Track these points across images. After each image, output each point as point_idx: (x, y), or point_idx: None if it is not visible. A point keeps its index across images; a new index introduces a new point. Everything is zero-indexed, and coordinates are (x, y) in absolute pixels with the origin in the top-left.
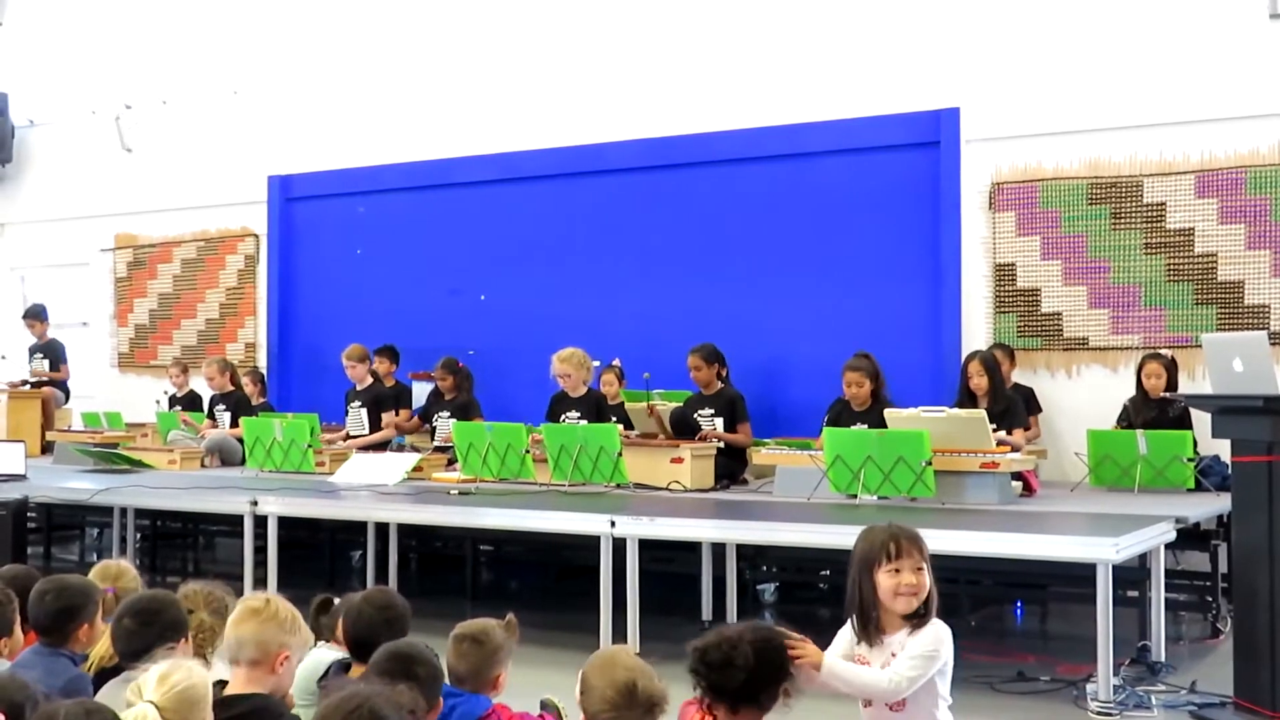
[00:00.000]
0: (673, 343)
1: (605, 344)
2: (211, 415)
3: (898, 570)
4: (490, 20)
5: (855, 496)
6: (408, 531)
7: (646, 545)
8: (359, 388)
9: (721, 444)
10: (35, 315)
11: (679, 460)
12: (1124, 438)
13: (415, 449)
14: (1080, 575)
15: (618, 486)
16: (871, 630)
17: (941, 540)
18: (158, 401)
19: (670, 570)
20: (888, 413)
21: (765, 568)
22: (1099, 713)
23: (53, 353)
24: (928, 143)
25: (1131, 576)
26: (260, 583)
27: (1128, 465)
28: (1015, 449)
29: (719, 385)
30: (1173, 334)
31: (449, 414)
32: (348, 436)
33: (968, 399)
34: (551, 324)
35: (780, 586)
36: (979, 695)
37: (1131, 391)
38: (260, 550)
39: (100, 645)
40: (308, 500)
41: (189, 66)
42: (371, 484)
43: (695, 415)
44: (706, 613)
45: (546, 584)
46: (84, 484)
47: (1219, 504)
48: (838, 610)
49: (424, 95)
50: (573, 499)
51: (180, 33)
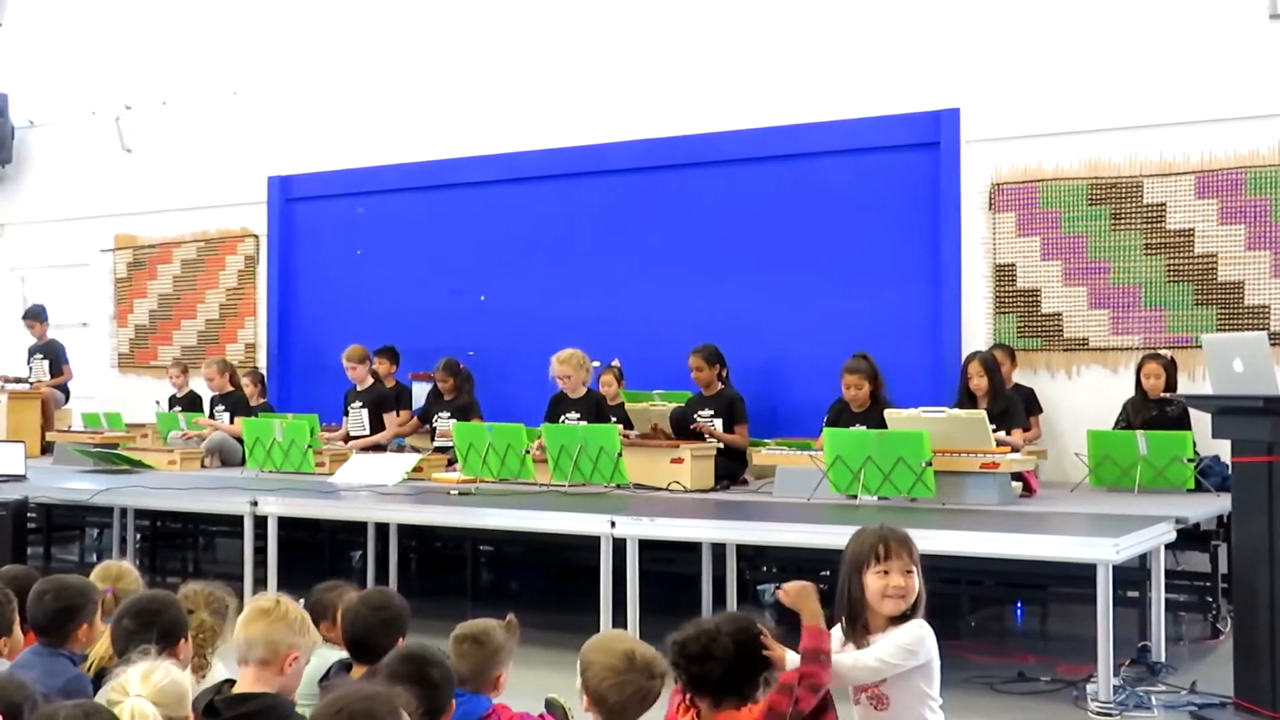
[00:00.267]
0: (673, 343)
1: (606, 344)
2: (211, 416)
3: (886, 572)
4: (490, 21)
5: (855, 497)
6: (408, 532)
7: (647, 545)
8: (360, 388)
9: (718, 442)
10: (35, 316)
11: (679, 461)
12: (1124, 438)
13: (415, 449)
14: (1080, 576)
15: (618, 487)
16: (859, 631)
17: (942, 541)
18: (158, 402)
19: (670, 571)
20: (888, 413)
21: (765, 568)
22: (1099, 713)
23: (53, 353)
24: (928, 143)
25: (1132, 577)
26: (260, 583)
27: (1128, 466)
28: (1015, 449)
29: (719, 386)
30: (1173, 334)
31: (449, 414)
32: (348, 437)
33: (968, 399)
34: (552, 324)
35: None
36: (979, 695)
37: (1131, 392)
38: (260, 551)
39: (100, 645)
40: (308, 501)
41: (189, 67)
42: (371, 484)
43: (695, 416)
44: (707, 613)
45: (547, 584)
46: (84, 484)
47: (1219, 504)
48: None
49: (424, 96)
50: (573, 499)
51: (180, 33)
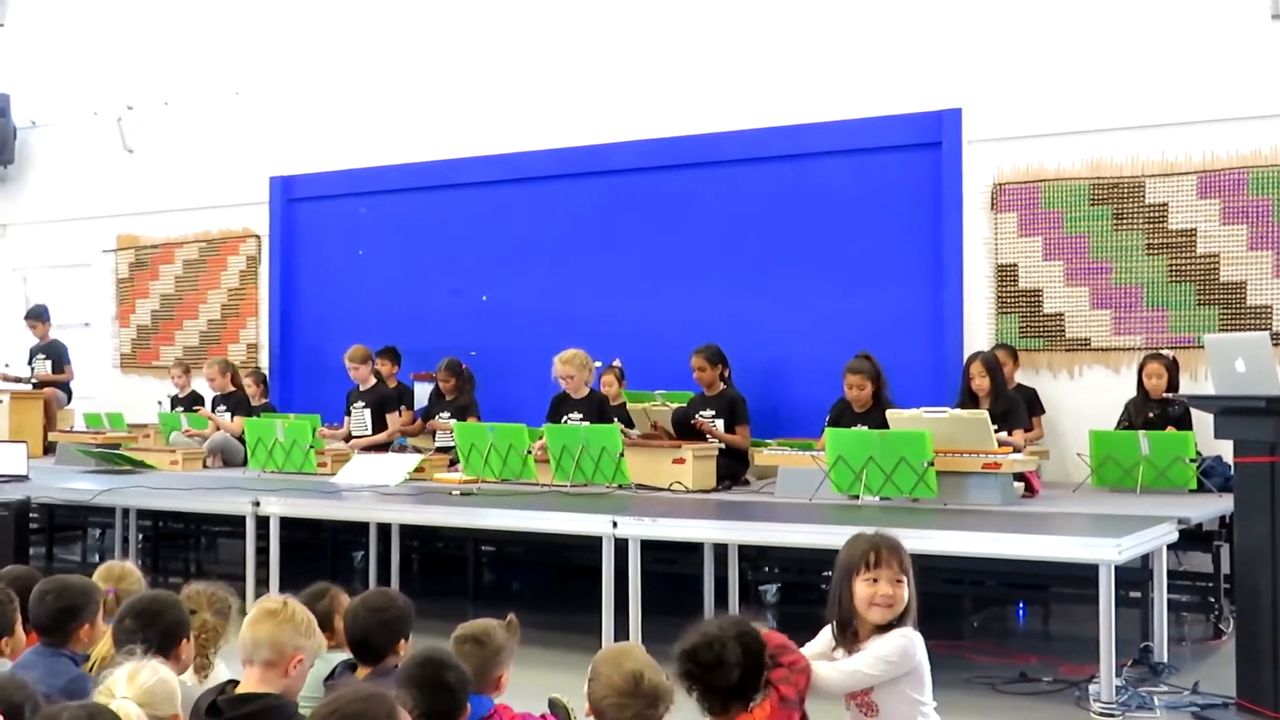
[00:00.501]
0: (675, 343)
1: (607, 345)
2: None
3: (876, 580)
4: (492, 21)
5: (857, 497)
6: (409, 532)
7: (649, 546)
8: (362, 388)
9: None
10: (37, 316)
11: (681, 461)
12: (1126, 438)
13: (417, 450)
14: (1082, 576)
15: (619, 487)
16: (849, 637)
17: (944, 541)
18: (160, 402)
19: (672, 571)
20: (890, 413)
21: (767, 568)
22: (1101, 714)
23: (55, 354)
24: (929, 143)
25: (1134, 577)
26: (262, 583)
27: (1130, 466)
28: (1017, 450)
29: (721, 386)
30: (1175, 335)
31: (449, 414)
32: (349, 437)
33: (970, 400)
34: (553, 325)
35: (782, 587)
36: (981, 696)
37: (1133, 392)
38: (262, 551)
39: (101, 646)
40: (310, 501)
41: (191, 67)
42: (373, 485)
43: (697, 416)
44: (709, 614)
45: (548, 585)
46: (86, 485)
47: (1221, 505)
48: None
49: (426, 96)
50: (574, 500)
51: (182, 33)
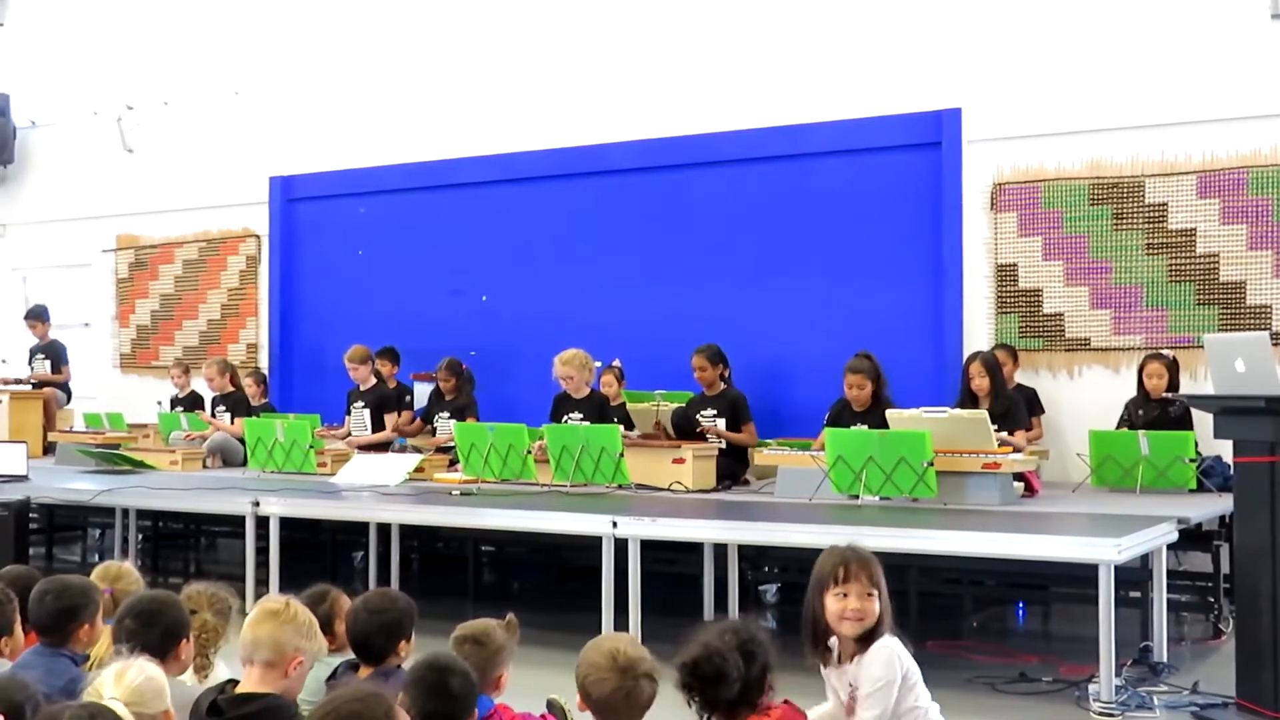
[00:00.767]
0: (675, 343)
1: (607, 345)
2: (213, 416)
3: (845, 595)
4: (491, 21)
5: (857, 497)
6: (409, 532)
7: (649, 546)
8: (362, 388)
9: (723, 443)
10: (37, 316)
11: (681, 461)
12: (1126, 438)
13: (417, 450)
14: (1082, 576)
15: (619, 487)
16: (821, 650)
17: (944, 541)
18: (159, 402)
19: (672, 571)
20: (889, 413)
21: (767, 568)
22: (1101, 713)
23: (54, 354)
24: (929, 143)
25: (1133, 577)
26: (262, 584)
27: (1130, 466)
28: (1017, 450)
29: (722, 386)
30: (1174, 334)
31: (448, 415)
32: (347, 434)
33: (970, 400)
34: (553, 325)
35: (782, 587)
36: (981, 696)
37: (1133, 392)
38: (262, 551)
39: (101, 646)
40: (309, 501)
41: (190, 67)
42: (373, 485)
43: (698, 416)
44: (709, 613)
45: (548, 585)
46: (86, 485)
47: (1221, 504)
48: None
49: (425, 96)
50: (574, 500)
51: (182, 33)
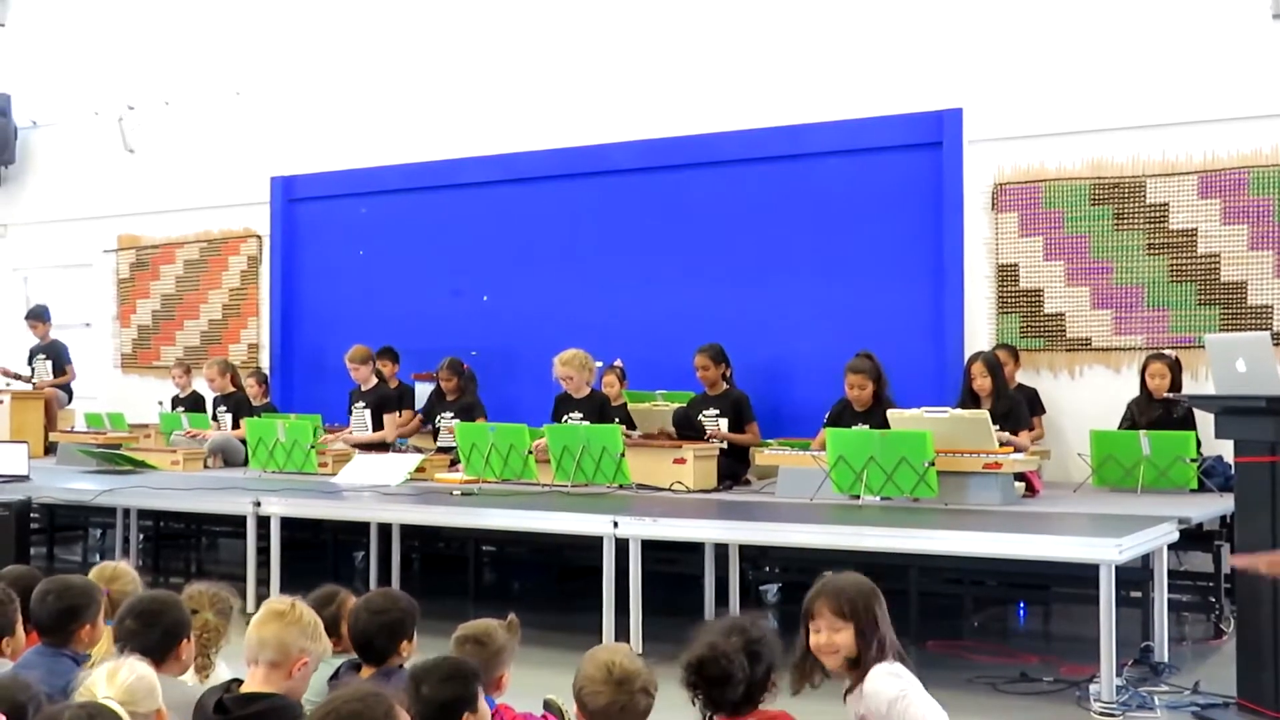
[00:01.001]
0: (676, 343)
1: (608, 345)
2: (214, 417)
3: (818, 630)
4: (492, 21)
5: (858, 497)
6: (410, 532)
7: (649, 546)
8: (363, 388)
9: (724, 444)
10: (38, 316)
11: (681, 461)
12: (1127, 438)
13: (418, 450)
14: (1083, 576)
15: (620, 487)
16: (806, 675)
17: (945, 541)
18: (160, 402)
19: (673, 571)
20: (891, 413)
21: (768, 568)
22: (1102, 713)
23: (55, 354)
24: (930, 143)
25: (1134, 577)
26: (263, 584)
27: (1131, 466)
28: (1020, 450)
29: (724, 386)
30: (1175, 335)
31: (452, 415)
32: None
33: (971, 400)
34: (554, 325)
35: (783, 587)
36: (982, 696)
37: (1134, 392)
38: (263, 551)
39: (102, 646)
40: (311, 501)
41: (191, 67)
42: (374, 485)
43: (700, 416)
44: (710, 614)
45: (549, 585)
46: (87, 485)
47: (1222, 504)
48: None
49: (426, 96)
50: (575, 500)
51: (183, 34)
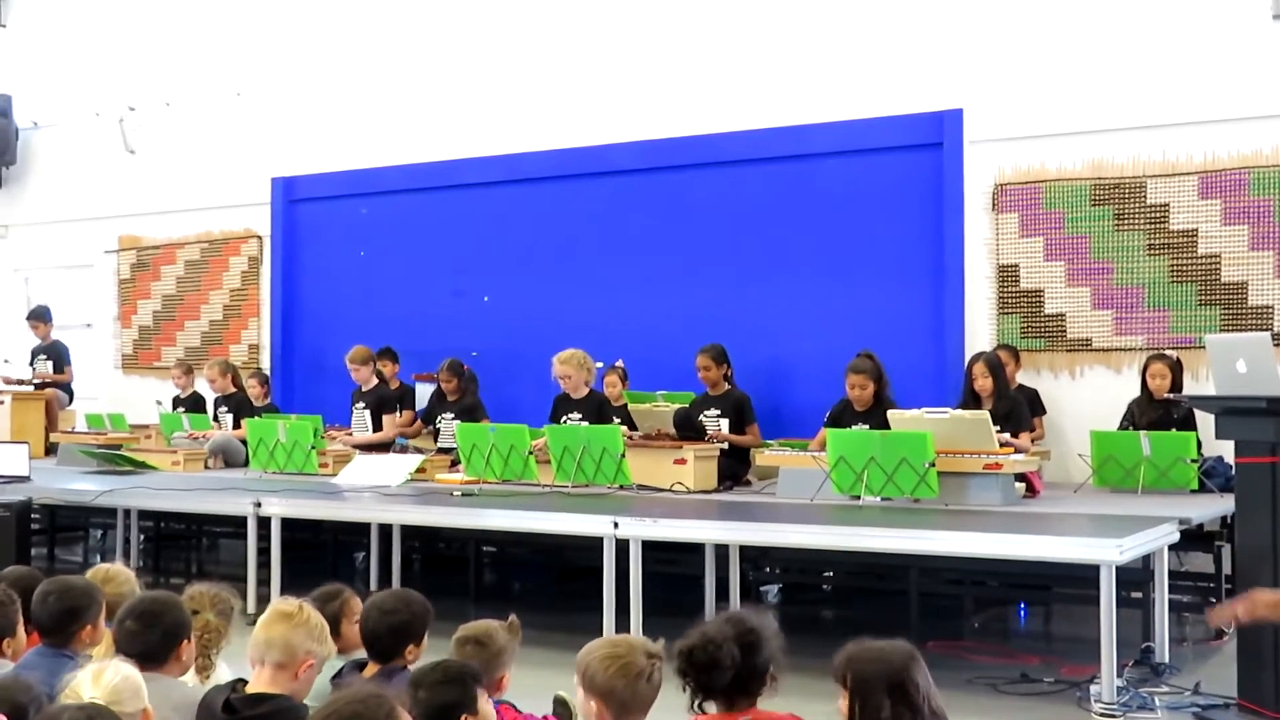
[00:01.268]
0: (676, 344)
1: (609, 345)
2: (215, 418)
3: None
4: (493, 22)
5: (859, 498)
6: (411, 533)
7: (650, 546)
8: (364, 389)
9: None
10: (39, 317)
11: (682, 461)
12: (1127, 439)
13: (419, 450)
14: (1084, 576)
15: (621, 488)
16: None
17: (945, 542)
18: (158, 402)
19: (673, 571)
20: (891, 414)
21: (768, 569)
22: (1102, 714)
23: (56, 354)
24: (930, 144)
25: (1135, 578)
26: (263, 584)
27: (1131, 466)
28: (1020, 451)
29: (726, 386)
30: (1176, 335)
31: (453, 415)
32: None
33: (972, 400)
34: (555, 325)
35: (784, 588)
36: (982, 696)
37: (1135, 392)
38: (264, 552)
39: (102, 646)
40: (311, 502)
41: (192, 68)
42: (375, 485)
43: (701, 416)
44: (710, 614)
45: (549, 585)
46: (87, 485)
47: (1223, 505)
48: (841, 611)
49: (427, 97)
50: (576, 500)
51: (184, 34)
